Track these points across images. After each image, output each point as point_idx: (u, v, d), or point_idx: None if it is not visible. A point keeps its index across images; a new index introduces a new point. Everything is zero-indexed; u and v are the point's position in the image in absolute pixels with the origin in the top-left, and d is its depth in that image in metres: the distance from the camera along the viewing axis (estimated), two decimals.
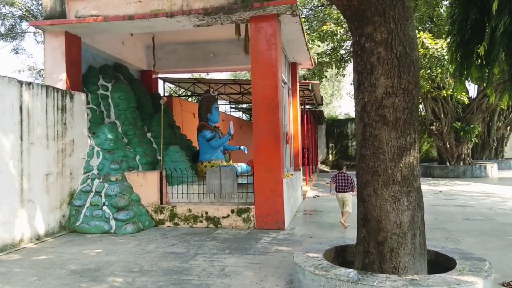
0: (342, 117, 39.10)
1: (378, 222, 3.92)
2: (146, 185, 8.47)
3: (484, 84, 7.72)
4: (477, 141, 21.33)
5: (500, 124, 24.14)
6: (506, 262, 5.35)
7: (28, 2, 22.40)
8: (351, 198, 7.81)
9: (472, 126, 19.19)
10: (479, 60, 7.15)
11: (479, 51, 6.47)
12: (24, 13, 22.15)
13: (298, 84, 11.93)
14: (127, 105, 9.55)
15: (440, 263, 4.35)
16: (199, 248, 6.41)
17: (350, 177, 7.92)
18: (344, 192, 7.99)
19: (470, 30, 6.92)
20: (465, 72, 7.37)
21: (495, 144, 24.56)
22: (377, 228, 3.92)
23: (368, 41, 3.83)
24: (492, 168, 19.44)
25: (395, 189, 3.84)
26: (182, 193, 8.74)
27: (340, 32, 14.56)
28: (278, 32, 7.87)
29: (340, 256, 4.89)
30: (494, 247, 6.26)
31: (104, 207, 7.92)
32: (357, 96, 4.01)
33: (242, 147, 10.66)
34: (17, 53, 24.85)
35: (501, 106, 21.52)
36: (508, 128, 25.03)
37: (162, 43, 11.37)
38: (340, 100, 51.39)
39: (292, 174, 9.87)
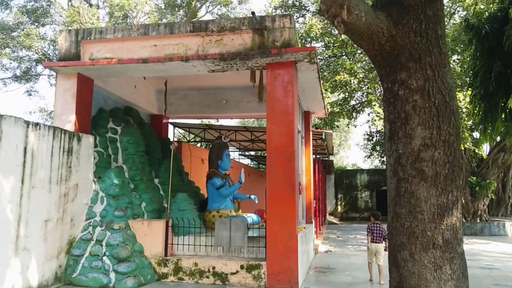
0: (350, 168, 38.62)
1: None
2: (150, 235, 7.96)
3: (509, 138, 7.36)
4: (493, 197, 20.61)
5: None
6: None
7: (45, 47, 22.94)
8: (383, 251, 7.83)
9: (488, 181, 18.58)
10: (504, 114, 6.85)
11: (508, 104, 6.17)
12: (40, 56, 22.59)
13: (311, 133, 11.65)
14: (136, 149, 9.25)
15: None
16: None
17: (383, 228, 7.68)
18: (378, 243, 7.93)
19: (494, 82, 6.67)
20: (489, 125, 7.05)
21: (510, 200, 23.77)
22: None
23: (403, 88, 3.51)
24: (511, 226, 18.58)
25: (436, 254, 3.35)
26: (189, 244, 8.20)
27: (354, 82, 14.48)
28: (295, 79, 7.66)
29: None
30: None
31: (105, 258, 7.38)
32: (389, 147, 3.63)
33: (252, 196, 10.19)
34: (30, 95, 24.80)
35: None
36: None
37: (175, 88, 11.27)
38: (348, 150, 51.14)
39: (305, 227, 9.32)
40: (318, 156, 15.41)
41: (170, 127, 13.23)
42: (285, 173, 7.23)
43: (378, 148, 25.80)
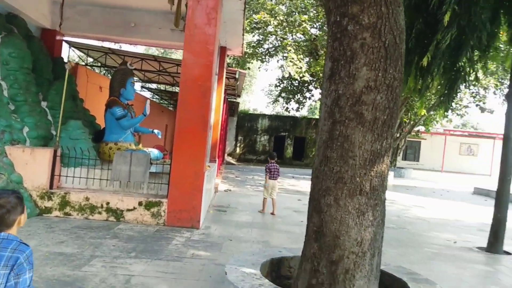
0: (252, 112, 39.16)
1: (336, 237, 3.30)
2: (33, 164, 6.94)
3: (417, 95, 7.74)
4: None
5: (398, 135, 26.01)
6: (436, 279, 5.20)
7: None
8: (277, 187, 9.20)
9: None
10: (416, 71, 7.10)
11: (422, 62, 6.34)
12: None
13: (225, 70, 11.10)
14: (20, 64, 7.81)
15: (388, 285, 3.92)
16: (97, 248, 5.24)
17: (279, 167, 9.12)
18: (274, 179, 8.94)
19: (414, 39, 6.79)
20: (403, 81, 7.28)
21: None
22: (333, 245, 3.31)
23: (352, 23, 3.17)
24: (389, 176, 20.75)
25: (362, 201, 3.26)
26: (80, 177, 7.40)
27: (273, 23, 14.02)
28: (220, 7, 6.96)
29: (274, 269, 4.23)
30: (417, 260, 6.17)
31: None
32: (328, 87, 3.34)
33: (156, 131, 9.49)
34: None
35: (404, 119, 23.15)
36: (403, 140, 27.14)
37: (74, 0, 9.62)
38: (251, 95, 51.66)
39: (209, 166, 9.04)
40: (226, 96, 15.00)
41: (65, 46, 11.52)
42: (199, 109, 6.71)
43: (284, 94, 26.25)
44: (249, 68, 16.62)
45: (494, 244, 7.15)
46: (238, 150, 30.14)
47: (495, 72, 19.00)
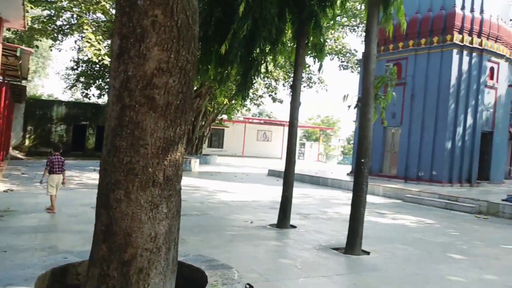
0: (46, 98, 34.62)
1: (127, 235, 2.99)
2: None
3: (218, 84, 7.96)
4: None
5: (203, 124, 27.03)
6: (234, 260, 5.43)
7: None
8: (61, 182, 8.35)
9: None
10: (216, 59, 7.27)
11: (220, 50, 6.50)
12: None
13: (0, 45, 9.20)
14: None
15: (187, 276, 3.83)
16: None
17: (64, 159, 8.39)
18: (60, 173, 8.20)
19: (213, 27, 6.92)
20: (203, 68, 7.36)
21: (196, 141, 27.31)
22: (125, 244, 2.99)
23: None
24: (195, 163, 21.35)
25: (155, 192, 3.02)
26: None
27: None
28: None
29: (58, 280, 3.63)
30: (218, 244, 6.36)
31: None
32: (116, 67, 2.96)
33: None
34: None
35: (209, 108, 24.08)
36: (208, 128, 28.37)
37: None
38: (45, 79, 45.72)
39: None
40: (7, 79, 12.62)
41: None
42: None
43: (82, 79, 23.89)
44: (37, 47, 14.39)
45: (283, 220, 8.00)
46: (27, 142, 26.15)
47: (283, 66, 21.58)
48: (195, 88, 19.67)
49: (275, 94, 25.62)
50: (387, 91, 7.15)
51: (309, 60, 22.04)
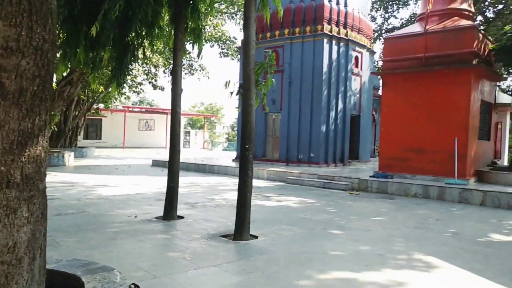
0: None
1: None
2: None
3: (90, 69, 7.23)
4: (55, 129, 20.84)
5: (77, 114, 24.78)
6: (116, 260, 5.02)
7: None
8: None
9: (52, 113, 18.48)
10: (86, 42, 6.58)
11: (91, 31, 5.88)
12: None
13: None
14: None
15: (60, 285, 3.38)
16: None
17: None
18: None
19: (80, 5, 6.21)
20: (71, 52, 6.59)
21: (70, 132, 24.99)
22: None
23: None
24: (69, 157, 19.52)
25: (11, 195, 2.54)
26: None
27: None
28: None
29: None
30: (98, 244, 5.84)
31: None
32: None
33: None
34: None
35: (82, 97, 22.09)
36: (83, 118, 26.14)
37: None
38: None
39: None
40: None
41: None
42: None
43: None
44: None
45: (170, 211, 7.72)
46: None
47: (163, 52, 20.82)
48: (64, 74, 17.84)
49: (156, 81, 24.68)
50: (266, 78, 7.28)
51: (189, 46, 21.60)
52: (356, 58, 19.06)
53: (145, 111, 41.64)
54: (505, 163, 16.05)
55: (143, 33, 7.15)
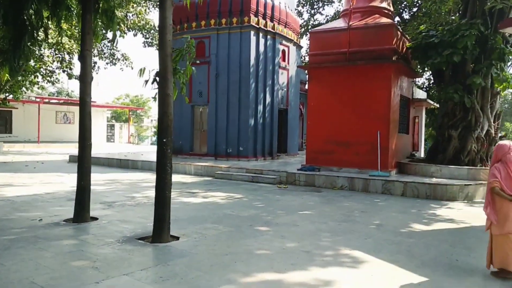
0: None
1: None
2: None
3: None
4: None
5: None
6: (6, 275, 4.24)
7: None
8: None
9: None
10: None
11: None
12: None
13: None
14: None
15: None
16: None
17: None
18: None
19: None
20: None
21: None
22: None
23: None
24: None
25: None
26: None
27: None
28: None
29: None
30: None
31: None
32: None
33: None
34: None
35: None
36: None
37: None
38: None
39: None
40: None
41: None
42: None
43: None
44: None
45: (81, 212, 6.93)
46: None
47: (78, 38, 19.11)
48: None
49: (71, 69, 22.68)
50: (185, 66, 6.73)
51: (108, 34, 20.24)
52: (283, 52, 19.06)
53: (63, 103, 38.54)
54: (422, 155, 17.04)
55: (45, 13, 6.24)
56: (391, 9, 14.23)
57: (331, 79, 13.41)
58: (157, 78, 6.06)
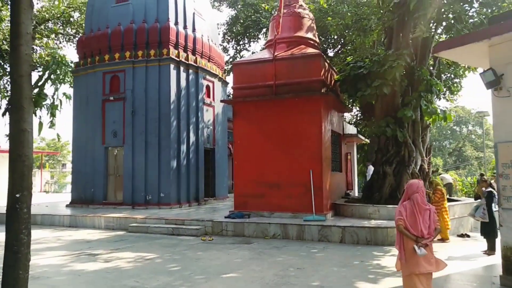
0: None
1: None
2: None
3: None
4: None
5: None
6: None
7: None
8: None
9: None
10: None
11: None
12: None
13: None
14: None
15: None
16: None
17: None
18: None
19: None
20: None
21: None
22: None
23: None
24: None
25: None
26: None
27: None
28: None
29: None
30: None
31: None
32: None
33: None
34: None
35: None
36: None
37: None
38: None
39: None
40: None
41: None
42: None
43: None
44: None
45: None
46: None
47: None
48: None
49: None
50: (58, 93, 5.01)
51: None
52: (208, 87, 17.79)
53: None
54: (357, 193, 16.28)
55: None
56: (317, 40, 13.62)
57: (258, 114, 12.22)
58: (9, 107, 4.27)
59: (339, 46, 26.48)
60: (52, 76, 4.74)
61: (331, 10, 20.84)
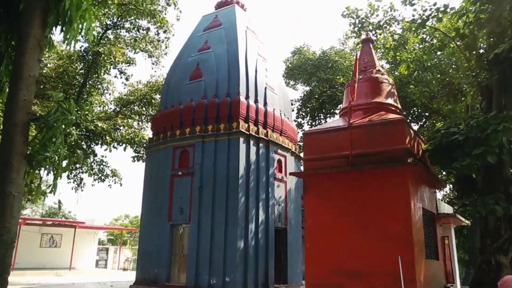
0: None
1: None
2: None
3: None
4: None
5: None
6: None
7: None
8: None
9: None
10: None
11: None
12: None
13: None
14: None
15: None
16: None
17: None
18: None
19: None
20: None
21: None
22: None
23: None
24: None
25: None
26: None
27: None
28: None
29: None
30: None
31: None
32: None
33: None
34: None
35: None
36: None
37: None
38: None
39: None
40: None
41: None
42: None
43: None
44: None
45: None
46: None
47: None
48: None
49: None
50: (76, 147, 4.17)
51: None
52: (279, 161, 16.73)
53: (52, 224, 35.62)
54: (459, 287, 13.30)
55: None
56: (399, 106, 12.13)
57: (332, 189, 10.66)
58: None
59: (424, 120, 24.47)
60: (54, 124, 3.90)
61: (413, 79, 19.45)
